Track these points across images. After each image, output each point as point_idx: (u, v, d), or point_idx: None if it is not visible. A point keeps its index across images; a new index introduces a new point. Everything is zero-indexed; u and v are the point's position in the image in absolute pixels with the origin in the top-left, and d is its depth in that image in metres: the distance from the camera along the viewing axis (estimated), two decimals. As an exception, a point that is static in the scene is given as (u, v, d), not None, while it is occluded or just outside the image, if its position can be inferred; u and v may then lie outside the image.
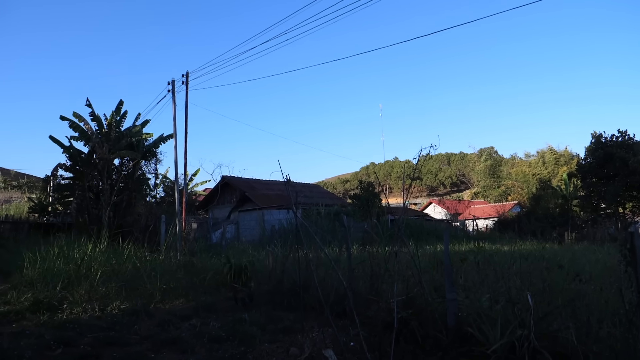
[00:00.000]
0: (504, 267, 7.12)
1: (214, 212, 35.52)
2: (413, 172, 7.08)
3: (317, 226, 13.42)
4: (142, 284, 9.37)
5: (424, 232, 24.76)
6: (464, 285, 6.56)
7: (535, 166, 54.60)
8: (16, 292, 8.52)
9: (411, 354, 5.04)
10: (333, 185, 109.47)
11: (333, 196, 44.93)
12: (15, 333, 6.14)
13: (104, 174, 21.92)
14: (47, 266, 10.06)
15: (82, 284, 8.86)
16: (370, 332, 5.67)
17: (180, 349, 5.65)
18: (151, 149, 25.22)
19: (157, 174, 29.15)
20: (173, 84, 20.85)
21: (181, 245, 15.89)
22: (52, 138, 23.30)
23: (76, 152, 23.40)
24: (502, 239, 23.42)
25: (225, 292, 9.12)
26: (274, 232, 20.65)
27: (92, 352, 5.38)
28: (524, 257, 9.75)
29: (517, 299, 4.89)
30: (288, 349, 5.36)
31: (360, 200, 27.40)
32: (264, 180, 36.42)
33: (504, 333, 4.43)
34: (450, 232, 7.67)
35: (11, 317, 7.03)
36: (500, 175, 66.68)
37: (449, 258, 5.44)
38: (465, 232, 31.63)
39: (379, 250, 7.19)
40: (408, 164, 76.11)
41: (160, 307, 8.17)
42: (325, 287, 6.99)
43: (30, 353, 5.20)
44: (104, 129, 23.61)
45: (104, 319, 7.06)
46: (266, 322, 6.86)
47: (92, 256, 10.79)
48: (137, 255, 11.81)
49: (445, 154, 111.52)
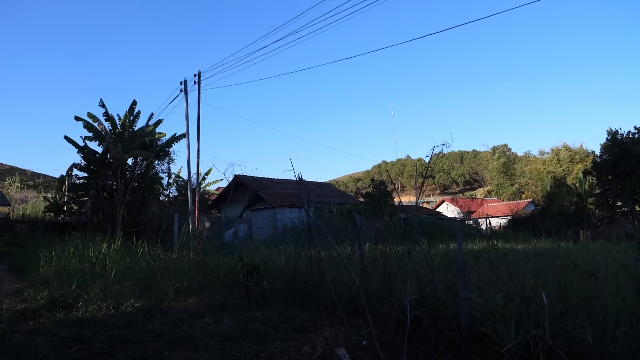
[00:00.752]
0: (518, 265, 7.06)
1: (226, 211, 35.70)
2: (426, 170, 7.06)
3: (329, 225, 13.44)
4: (156, 283, 9.44)
5: (437, 231, 24.61)
6: (478, 284, 6.52)
7: (550, 164, 54.00)
8: (33, 290, 8.65)
9: (424, 353, 5.02)
10: (345, 183, 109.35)
11: (345, 195, 44.89)
12: (32, 330, 6.23)
13: (118, 173, 22.13)
14: (62, 265, 10.20)
15: (97, 282, 8.96)
16: (383, 331, 5.66)
17: (194, 347, 5.68)
18: (164, 149, 25.43)
19: (170, 173, 29.48)
20: (185, 83, 20.95)
21: (194, 244, 15.99)
22: (67, 138, 23.59)
23: (90, 152, 23.67)
24: (516, 237, 23.21)
25: (238, 291, 9.15)
26: (286, 231, 20.69)
27: (107, 350, 5.43)
28: (538, 255, 9.66)
29: (532, 298, 4.84)
30: (301, 348, 5.37)
31: (372, 199, 27.34)
32: (276, 179, 36.52)
33: (518, 332, 4.38)
34: (463, 230, 7.63)
35: (28, 315, 7.13)
36: (514, 173, 66.02)
37: (462, 256, 5.39)
38: (478, 231, 31.42)
39: (392, 249, 7.16)
40: (420, 162, 75.81)
41: (173, 306, 8.23)
42: (337, 285, 6.99)
43: (46, 350, 5.27)
44: (118, 128, 23.85)
45: (119, 317, 7.13)
46: (279, 320, 6.87)
47: (107, 255, 10.91)
48: (150, 254, 11.92)
49: (458, 152, 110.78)
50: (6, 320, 6.70)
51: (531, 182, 54.02)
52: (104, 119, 23.64)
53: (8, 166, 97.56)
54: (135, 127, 24.45)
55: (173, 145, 25.64)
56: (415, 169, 78.57)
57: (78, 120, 23.28)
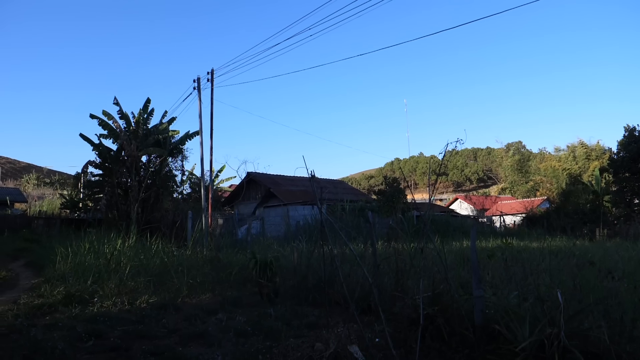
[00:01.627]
0: (533, 264, 6.98)
1: (239, 208, 35.85)
2: (439, 167, 7.00)
3: (342, 222, 13.40)
4: (170, 279, 9.52)
5: (450, 229, 24.49)
6: (491, 282, 6.47)
7: (566, 161, 53.29)
8: (49, 286, 8.79)
9: (437, 351, 4.99)
10: (357, 181, 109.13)
11: (357, 192, 44.80)
12: (48, 325, 6.33)
13: (132, 170, 22.35)
14: (78, 261, 10.34)
15: (112, 278, 9.07)
16: (396, 329, 5.64)
17: (207, 342, 5.72)
18: (178, 146, 25.64)
19: (183, 170, 29.64)
20: (199, 81, 21.09)
21: (207, 240, 16.09)
22: (82, 136, 23.89)
23: (105, 150, 23.94)
24: (530, 235, 23.00)
25: (251, 287, 9.19)
26: (298, 228, 20.74)
27: (122, 345, 5.49)
28: (553, 254, 9.54)
29: (547, 297, 4.78)
30: (313, 345, 5.37)
31: (385, 196, 27.27)
32: (289, 177, 36.57)
33: (532, 331, 4.34)
34: (477, 228, 7.57)
35: (45, 310, 7.24)
36: (529, 171, 65.21)
37: (475, 254, 5.35)
38: (492, 229, 31.17)
39: (405, 247, 7.13)
40: (433, 160, 75.32)
41: (187, 302, 8.30)
42: (350, 283, 6.98)
43: (63, 344, 5.34)
44: (132, 126, 24.09)
45: (133, 313, 7.21)
46: (291, 317, 6.89)
47: (122, 251, 11.03)
48: (164, 251, 12.02)
49: (471, 149, 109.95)
50: (24, 315, 6.82)
51: (546, 179, 53.33)
52: (119, 117, 23.91)
53: (25, 163, 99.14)
54: (149, 124, 24.68)
55: (186, 142, 25.85)
56: (429, 166, 78.04)
57: (93, 118, 23.57)
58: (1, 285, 10.18)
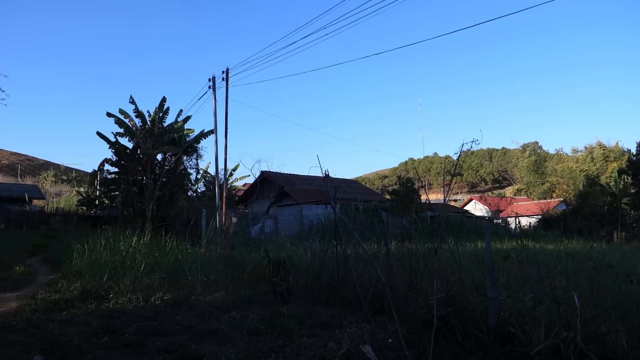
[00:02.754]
0: (549, 266, 6.90)
1: (253, 206, 36.02)
2: (454, 168, 6.95)
3: (356, 222, 13.39)
4: (184, 276, 9.60)
5: (464, 229, 24.32)
6: (506, 284, 6.39)
7: (583, 162, 52.62)
8: (66, 282, 8.92)
9: (451, 352, 4.95)
10: (371, 180, 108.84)
11: (371, 192, 44.69)
12: (65, 320, 6.42)
13: (148, 168, 22.56)
14: (94, 257, 10.48)
15: (127, 275, 9.16)
16: (409, 330, 5.61)
17: (221, 340, 5.75)
18: (192, 145, 25.81)
19: (198, 169, 29.86)
20: (214, 80, 21.19)
21: (221, 238, 16.19)
22: (99, 134, 24.19)
23: (121, 148, 24.20)
24: (546, 237, 22.72)
25: (264, 286, 9.22)
26: (312, 227, 20.75)
27: (136, 341, 5.55)
28: (570, 256, 9.41)
29: (563, 300, 4.72)
30: (326, 344, 5.37)
31: (399, 196, 27.17)
32: (303, 176, 36.63)
33: (548, 334, 4.28)
34: (491, 229, 7.48)
35: (61, 305, 7.35)
36: (545, 172, 64.47)
37: (490, 256, 5.30)
38: (507, 230, 30.89)
39: (418, 247, 7.10)
40: (448, 160, 74.80)
41: (201, 299, 8.35)
42: (363, 282, 6.97)
43: (79, 340, 5.41)
44: (148, 125, 24.31)
45: (148, 309, 7.28)
46: (304, 316, 6.90)
47: (137, 248, 11.14)
48: (179, 248, 12.12)
49: (486, 150, 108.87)
50: (41, 310, 6.92)
51: (563, 180, 52.69)
52: (135, 115, 24.15)
53: (43, 161, 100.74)
54: (164, 123, 24.89)
55: (201, 141, 26.03)
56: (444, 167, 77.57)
57: (110, 116, 23.84)
58: (20, 280, 10.36)
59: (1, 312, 6.98)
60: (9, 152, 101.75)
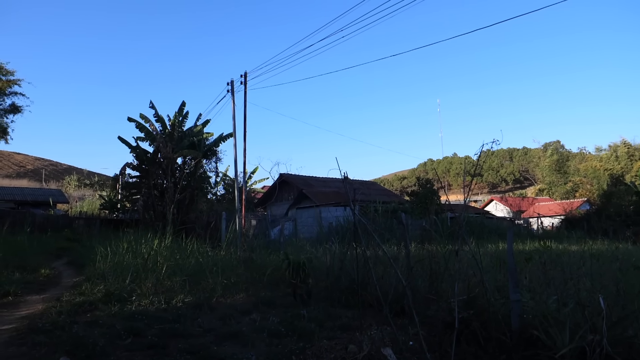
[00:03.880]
0: (573, 267, 6.77)
1: (272, 209, 36.15)
2: (474, 168, 6.88)
3: (375, 224, 13.33)
4: (205, 279, 9.67)
5: (485, 231, 23.97)
6: (529, 286, 6.30)
7: (607, 161, 51.50)
8: (90, 284, 9.07)
9: (473, 355, 4.90)
10: (390, 182, 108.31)
11: (390, 193, 44.49)
12: (89, 322, 6.53)
13: (168, 172, 22.84)
14: (117, 260, 10.63)
15: (149, 277, 9.28)
16: (430, 332, 5.57)
17: (241, 342, 5.78)
18: (212, 148, 26.05)
19: (217, 172, 30.12)
20: (232, 84, 21.37)
21: (241, 241, 16.29)
22: (120, 139, 24.59)
23: (142, 152, 24.55)
24: (569, 238, 22.27)
25: (284, 288, 9.24)
26: (331, 229, 20.71)
27: (159, 343, 5.61)
28: (594, 257, 9.22)
29: (588, 302, 4.63)
30: (346, 346, 5.35)
31: (418, 198, 27.00)
32: (321, 178, 36.65)
33: (573, 337, 4.20)
34: (513, 230, 7.33)
35: (86, 307, 7.47)
36: (568, 171, 63.27)
37: (512, 257, 5.23)
38: (529, 231, 30.36)
39: (439, 249, 7.04)
40: (468, 160, 74.05)
41: (221, 301, 8.40)
42: (383, 285, 6.93)
43: (103, 341, 5.50)
44: (168, 129, 24.61)
45: (170, 312, 7.36)
46: (324, 318, 6.89)
47: (158, 251, 11.27)
48: (199, 251, 12.22)
49: (507, 149, 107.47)
50: (66, 312, 7.06)
51: (586, 180, 51.64)
52: (155, 120, 24.49)
53: (67, 166, 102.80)
54: (184, 127, 25.18)
55: (220, 144, 26.25)
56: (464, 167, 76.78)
57: (131, 121, 24.22)
58: (45, 283, 10.59)
59: (28, 314, 7.15)
60: (33, 158, 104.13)
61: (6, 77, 30.22)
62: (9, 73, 30.33)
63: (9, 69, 30.31)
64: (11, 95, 30.81)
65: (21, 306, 7.87)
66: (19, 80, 30.74)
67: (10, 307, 7.79)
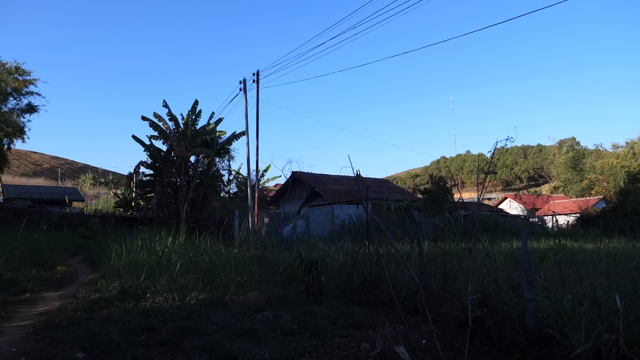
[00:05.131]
0: (589, 266, 6.69)
1: (284, 207, 36.22)
2: (488, 166, 6.82)
3: (387, 221, 13.30)
4: (218, 276, 9.73)
5: (499, 229, 23.79)
6: (544, 285, 6.24)
7: (624, 158, 50.59)
8: (105, 281, 9.19)
9: (486, 354, 4.87)
10: (402, 180, 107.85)
11: (403, 191, 44.30)
12: (105, 319, 6.61)
13: (182, 170, 23.00)
14: (131, 257, 10.75)
15: (163, 274, 9.36)
16: (443, 331, 5.55)
17: (255, 339, 5.81)
18: (224, 146, 26.17)
19: (230, 170, 30.31)
20: (244, 82, 21.43)
21: (254, 239, 16.36)
22: (134, 137, 24.80)
23: (156, 150, 24.75)
24: (585, 236, 22.01)
25: (297, 286, 9.27)
26: (343, 227, 20.71)
27: (173, 339, 5.67)
28: (610, 256, 9.10)
29: (604, 301, 4.57)
30: (359, 344, 5.36)
31: (431, 195, 26.87)
32: (334, 176, 36.62)
33: (588, 337, 4.16)
34: (528, 228, 7.23)
35: (101, 304, 7.57)
36: (583, 168, 62.37)
37: (527, 255, 5.18)
38: (544, 229, 30.06)
39: (452, 247, 7.00)
40: (481, 158, 73.45)
41: (234, 299, 8.45)
42: (396, 283, 6.92)
43: (118, 338, 5.57)
44: (181, 127, 24.77)
45: (183, 308, 7.42)
46: (337, 316, 6.90)
47: (172, 249, 11.37)
48: (212, 249, 12.29)
49: (521, 147, 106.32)
50: (82, 309, 7.16)
51: (602, 177, 50.86)
52: (168, 119, 24.67)
53: (82, 164, 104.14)
54: (197, 125, 25.32)
55: (233, 142, 26.37)
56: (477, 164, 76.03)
57: (144, 120, 24.43)
58: (62, 280, 10.74)
59: (45, 311, 7.26)
60: (50, 157, 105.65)
61: (22, 77, 30.67)
62: (25, 73, 30.78)
63: (25, 69, 30.76)
64: (27, 95, 31.27)
65: (38, 303, 8.00)
66: (35, 79, 31.20)
67: (28, 303, 7.92)
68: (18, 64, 30.41)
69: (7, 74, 29.63)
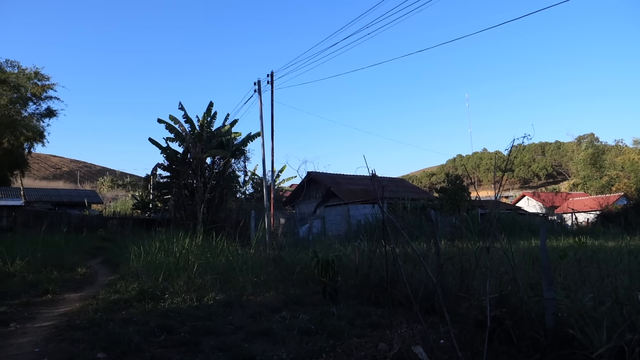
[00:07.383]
0: (610, 264, 6.58)
1: (300, 207, 36.29)
2: (504, 164, 6.74)
3: (404, 221, 13.24)
4: (235, 277, 9.79)
5: (517, 227, 23.48)
6: (563, 283, 6.15)
7: (645, 154, 49.65)
8: (124, 282, 9.31)
9: (505, 354, 4.82)
10: (418, 179, 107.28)
11: (419, 190, 44.07)
12: (124, 319, 6.70)
13: (198, 172, 23.17)
14: (150, 259, 10.87)
15: (181, 275, 9.46)
16: (461, 330, 5.49)
17: (272, 340, 5.83)
18: (240, 148, 26.31)
19: (246, 171, 30.49)
20: (259, 84, 21.52)
21: (270, 239, 16.40)
22: (151, 140, 25.07)
23: (172, 152, 24.98)
24: (606, 234, 21.61)
25: (313, 286, 9.27)
26: (359, 227, 20.67)
27: (191, 340, 5.72)
28: (632, 254, 8.92)
29: (626, 300, 4.49)
30: (376, 344, 5.34)
31: (447, 194, 26.67)
32: (349, 175, 36.59)
33: (610, 336, 4.08)
34: (546, 226, 7.12)
35: (121, 305, 7.68)
36: (603, 165, 61.28)
37: (546, 254, 5.11)
38: (563, 227, 29.61)
39: (469, 246, 6.93)
40: (498, 155, 72.66)
41: (252, 299, 8.49)
42: (413, 282, 6.88)
43: (138, 338, 5.64)
44: (197, 129, 24.96)
45: (201, 309, 7.48)
46: (354, 316, 6.89)
47: (189, 250, 11.47)
48: (229, 250, 12.37)
49: (539, 144, 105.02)
50: (102, 310, 7.27)
51: (623, 174, 49.98)
52: (184, 121, 24.88)
53: (100, 167, 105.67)
54: (212, 127, 25.49)
55: (248, 144, 26.49)
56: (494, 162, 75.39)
57: (161, 122, 24.67)
58: (82, 281, 10.92)
59: (66, 312, 7.39)
60: (69, 160, 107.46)
61: (41, 82, 31.24)
62: (44, 78, 31.38)
63: (44, 74, 31.34)
64: (46, 99, 31.88)
65: (60, 304, 8.15)
66: (53, 84, 31.81)
67: (50, 304, 8.07)
68: (37, 69, 31.05)
69: (26, 80, 30.23)
